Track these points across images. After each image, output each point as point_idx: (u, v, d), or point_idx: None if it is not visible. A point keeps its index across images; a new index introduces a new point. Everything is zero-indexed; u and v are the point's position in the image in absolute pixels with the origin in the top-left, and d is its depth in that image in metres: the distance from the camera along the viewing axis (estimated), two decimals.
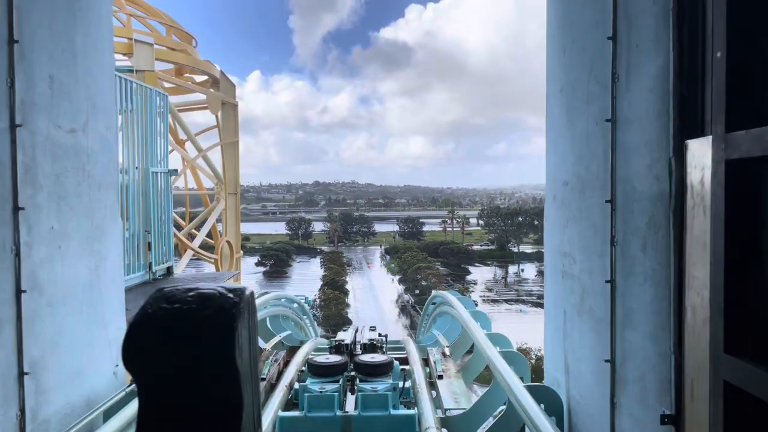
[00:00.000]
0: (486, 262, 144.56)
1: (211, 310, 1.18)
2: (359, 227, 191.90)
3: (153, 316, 1.18)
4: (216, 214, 12.74)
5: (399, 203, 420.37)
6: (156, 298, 1.22)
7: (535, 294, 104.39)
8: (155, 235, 8.85)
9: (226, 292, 1.22)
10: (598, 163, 4.09)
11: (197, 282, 1.34)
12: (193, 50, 14.59)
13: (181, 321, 1.17)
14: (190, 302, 1.20)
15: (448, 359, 8.51)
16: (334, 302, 75.68)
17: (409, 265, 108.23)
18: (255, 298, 1.31)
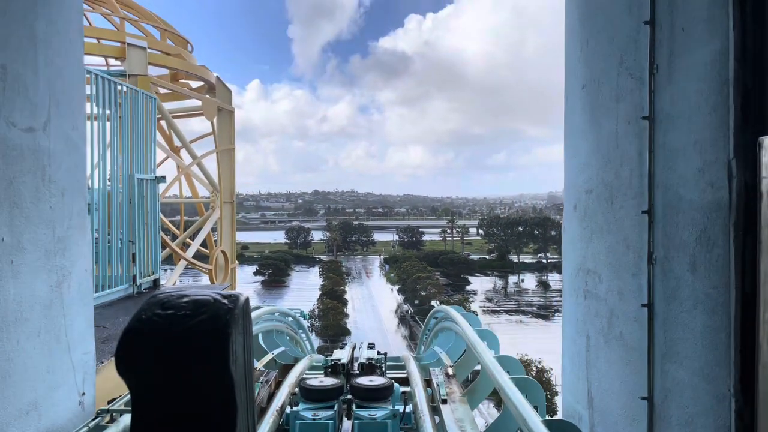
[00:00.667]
0: (486, 272, 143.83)
1: (206, 316, 1.18)
2: (358, 236, 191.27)
3: (147, 322, 1.18)
4: (210, 223, 12.22)
5: (398, 212, 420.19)
6: (150, 304, 1.22)
7: (536, 305, 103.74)
8: (140, 245, 8.30)
9: (220, 298, 1.22)
10: (632, 167, 3.55)
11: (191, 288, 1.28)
12: (188, 55, 14.11)
13: (175, 327, 1.16)
14: (185, 308, 1.20)
15: (451, 380, 7.93)
16: (333, 312, 74.97)
17: (409, 275, 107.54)
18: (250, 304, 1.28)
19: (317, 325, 72.11)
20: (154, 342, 1.17)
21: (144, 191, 8.54)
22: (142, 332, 1.18)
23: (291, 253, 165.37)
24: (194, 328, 1.17)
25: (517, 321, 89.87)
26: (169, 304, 1.22)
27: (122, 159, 8.39)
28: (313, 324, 72.20)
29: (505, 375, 5.45)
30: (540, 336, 77.52)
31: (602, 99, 3.98)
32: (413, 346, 75.12)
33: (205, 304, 1.22)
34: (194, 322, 1.18)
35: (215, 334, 1.16)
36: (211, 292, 1.25)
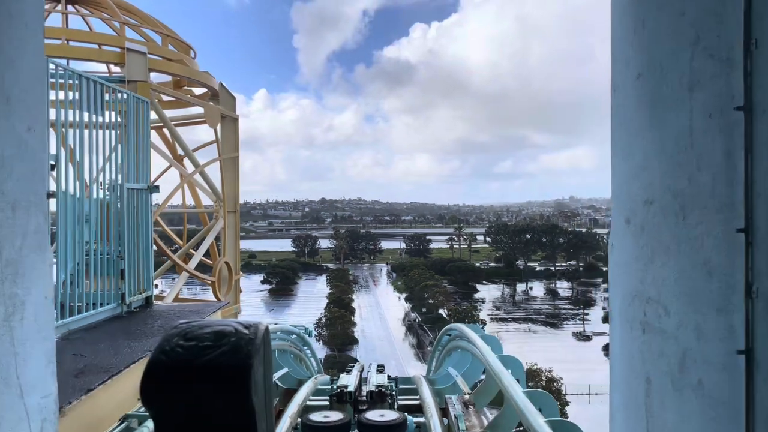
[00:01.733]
0: (493, 279, 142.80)
1: (227, 347, 1.21)
2: (365, 244, 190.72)
3: (170, 354, 1.21)
4: (214, 233, 11.62)
5: (405, 220, 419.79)
6: (172, 335, 1.26)
7: (544, 313, 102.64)
8: (130, 260, 7.56)
9: (241, 328, 1.26)
10: (714, 172, 2.79)
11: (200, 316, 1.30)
12: (191, 61, 13.49)
13: (197, 359, 1.20)
14: (206, 339, 1.23)
15: (470, 410, 7.17)
16: (340, 321, 74.18)
17: (416, 283, 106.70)
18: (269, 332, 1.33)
19: (324, 334, 71.33)
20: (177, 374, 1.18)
21: (135, 202, 7.83)
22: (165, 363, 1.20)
23: (298, 262, 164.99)
24: (216, 359, 1.19)
25: (525, 329, 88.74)
26: (191, 335, 1.24)
27: (111, 167, 7.70)
28: (320, 333, 71.45)
29: (539, 416, 4.69)
30: (549, 344, 76.52)
31: (667, 89, 3.23)
32: (421, 355, 74.28)
33: (226, 335, 1.23)
34: (216, 354, 1.20)
35: (237, 365, 1.18)
36: (232, 322, 1.26)
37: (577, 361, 66.18)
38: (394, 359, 70.33)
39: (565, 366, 58.67)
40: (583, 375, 58.90)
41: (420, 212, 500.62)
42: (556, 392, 41.69)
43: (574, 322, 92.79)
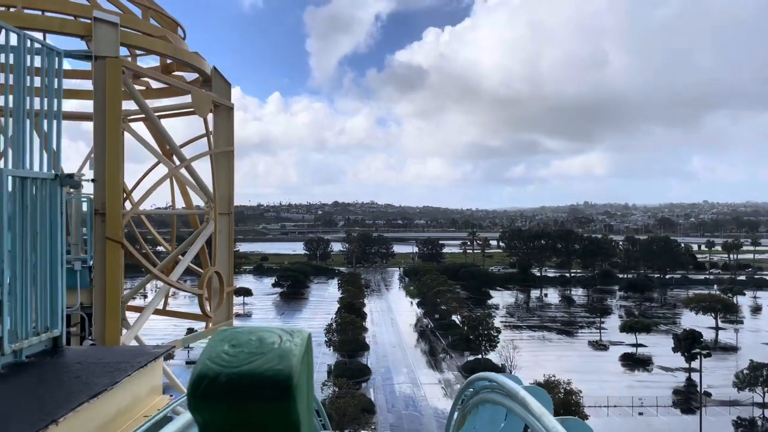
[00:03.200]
0: (507, 285, 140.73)
1: (273, 354, 1.26)
2: (378, 248, 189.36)
3: (216, 360, 1.26)
4: (203, 239, 10.13)
5: (418, 224, 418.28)
6: (217, 341, 1.30)
7: (559, 320, 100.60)
8: (17, 285, 4.37)
9: (286, 335, 1.32)
10: None
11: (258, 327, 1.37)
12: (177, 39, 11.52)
13: (243, 365, 1.23)
14: (252, 345, 1.29)
15: None
16: (351, 327, 72.84)
17: (429, 289, 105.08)
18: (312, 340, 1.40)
19: (335, 339, 70.04)
20: (224, 381, 1.19)
21: (32, 197, 4.41)
22: (212, 371, 1.20)
23: (310, 265, 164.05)
24: (262, 367, 1.19)
25: (539, 337, 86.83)
26: (236, 342, 1.26)
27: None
28: (330, 338, 70.18)
29: None
30: (565, 353, 74.65)
31: None
32: (433, 362, 72.74)
33: (271, 342, 1.26)
34: (262, 360, 1.21)
35: (283, 373, 1.18)
36: (276, 329, 1.30)
37: (594, 371, 64.33)
38: (406, 366, 68.93)
39: (582, 377, 56.89)
40: (600, 386, 57.11)
41: (433, 216, 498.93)
42: (575, 405, 40.08)
43: (590, 330, 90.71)
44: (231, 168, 11.04)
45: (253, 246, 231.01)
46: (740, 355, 74.40)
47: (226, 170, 10.80)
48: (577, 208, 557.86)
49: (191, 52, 11.12)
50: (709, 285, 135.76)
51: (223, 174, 10.89)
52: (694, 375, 63.25)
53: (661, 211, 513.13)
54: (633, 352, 74.43)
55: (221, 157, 10.67)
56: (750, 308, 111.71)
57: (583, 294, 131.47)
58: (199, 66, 11.23)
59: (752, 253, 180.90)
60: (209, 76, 11.31)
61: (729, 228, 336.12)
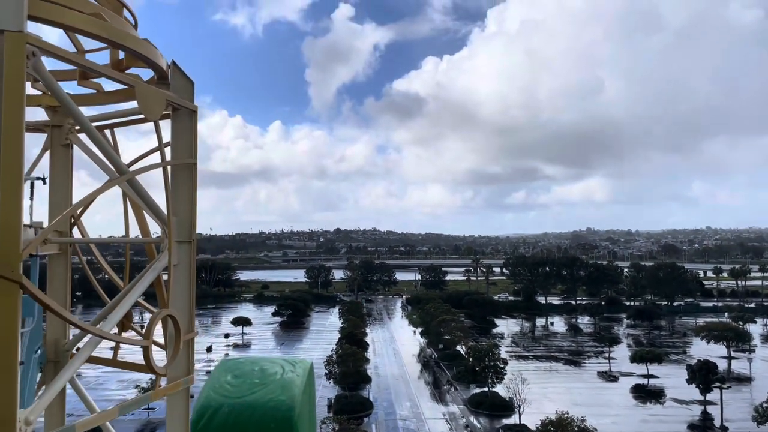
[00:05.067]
0: (512, 314, 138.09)
1: (275, 385, 1.28)
2: (380, 275, 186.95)
3: (219, 390, 1.28)
4: (153, 274, 7.17)
5: (420, 251, 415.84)
6: (221, 371, 1.33)
7: (566, 350, 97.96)
8: None
9: (288, 366, 1.34)
10: None
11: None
12: (120, 21, 7.87)
13: (246, 395, 1.26)
14: (254, 376, 1.31)
15: None
16: (353, 358, 70.46)
17: (432, 317, 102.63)
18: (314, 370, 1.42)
19: (335, 372, 67.66)
20: (227, 411, 1.33)
21: None
22: (215, 402, 1.34)
23: (311, 293, 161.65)
24: (265, 397, 1.32)
25: (547, 368, 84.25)
26: (239, 372, 1.40)
27: None
28: (331, 371, 67.82)
29: None
30: (573, 385, 72.13)
31: None
32: (437, 394, 70.20)
33: (273, 372, 1.38)
34: (265, 391, 1.33)
35: (285, 404, 1.30)
36: (279, 359, 1.41)
37: (605, 405, 61.82)
38: (409, 400, 66.43)
39: (593, 410, 54.57)
40: (614, 421, 54.70)
41: (435, 243, 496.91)
42: None
43: (598, 360, 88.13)
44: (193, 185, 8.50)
45: (255, 274, 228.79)
46: (755, 386, 71.84)
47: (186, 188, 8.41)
48: (580, 234, 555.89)
49: (137, 38, 8.95)
50: (718, 312, 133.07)
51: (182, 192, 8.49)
52: (710, 408, 60.76)
53: (664, 237, 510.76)
54: (645, 384, 71.90)
55: (180, 171, 8.28)
56: (761, 336, 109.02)
57: (590, 322, 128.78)
58: (150, 56, 9.08)
59: (760, 279, 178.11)
60: (165, 72, 9.19)
61: (733, 254, 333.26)
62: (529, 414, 54.04)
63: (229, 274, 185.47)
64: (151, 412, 59.41)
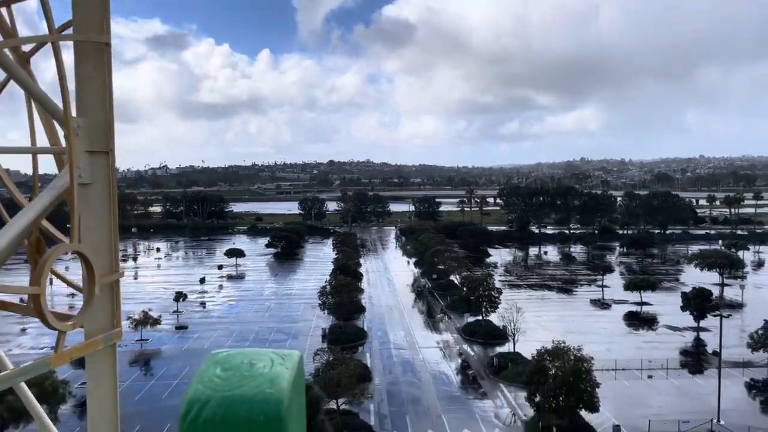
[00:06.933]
0: (506, 243, 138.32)
1: (263, 378, 1.29)
2: (374, 207, 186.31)
3: (208, 384, 1.30)
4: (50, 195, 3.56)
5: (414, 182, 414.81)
6: (210, 364, 1.35)
7: (559, 279, 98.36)
8: None
9: (277, 358, 1.36)
10: None
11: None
12: None
13: (234, 389, 1.27)
14: (243, 369, 1.32)
15: None
16: (347, 289, 70.17)
17: (426, 248, 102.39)
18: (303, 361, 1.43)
19: (330, 302, 67.43)
20: (215, 405, 1.19)
21: None
22: (203, 395, 1.21)
23: (305, 225, 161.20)
24: (254, 390, 1.21)
25: (540, 297, 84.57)
26: (228, 365, 1.28)
27: None
28: (325, 301, 67.60)
29: None
30: (566, 313, 72.39)
31: None
32: (431, 323, 70.34)
33: (263, 365, 1.27)
34: (254, 384, 1.23)
35: (274, 396, 1.20)
36: (268, 352, 1.34)
37: (598, 332, 62.05)
38: (404, 329, 66.54)
39: (586, 338, 54.62)
40: (607, 348, 54.86)
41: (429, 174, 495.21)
42: (586, 373, 37.51)
43: (591, 288, 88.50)
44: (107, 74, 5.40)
45: (248, 206, 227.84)
46: (747, 312, 72.36)
47: (97, 78, 5.52)
48: (574, 164, 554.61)
49: None
50: (710, 240, 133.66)
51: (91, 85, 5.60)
52: (703, 334, 61.12)
53: (657, 166, 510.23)
54: (638, 311, 72.25)
55: (86, 54, 5.38)
56: (752, 263, 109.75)
57: (583, 251, 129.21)
58: None
59: (753, 207, 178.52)
60: None
61: (726, 182, 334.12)
62: (523, 342, 54.09)
63: (222, 207, 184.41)
64: (145, 344, 59.32)
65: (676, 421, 39.58)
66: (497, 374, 50.65)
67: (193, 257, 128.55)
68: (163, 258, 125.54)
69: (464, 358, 56.41)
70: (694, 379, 50.58)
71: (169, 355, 57.00)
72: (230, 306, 79.04)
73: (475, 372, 52.44)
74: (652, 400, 44.82)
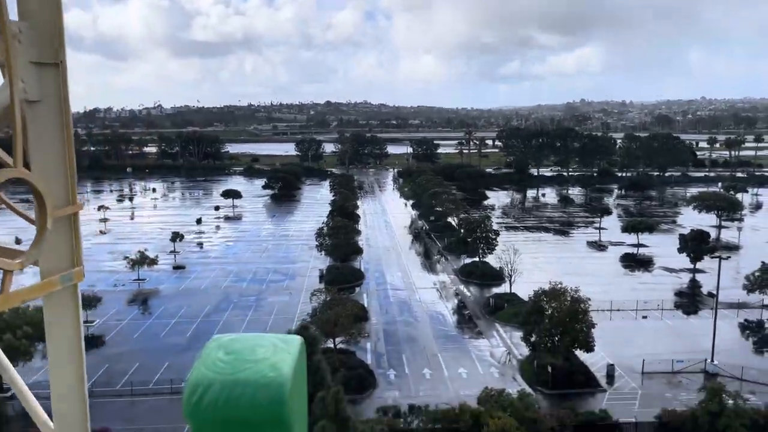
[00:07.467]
0: (504, 186, 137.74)
1: (267, 362, 1.32)
2: (371, 149, 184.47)
3: (211, 367, 1.32)
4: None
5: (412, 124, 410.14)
6: (212, 348, 1.38)
7: (557, 221, 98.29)
8: None
9: (279, 343, 1.39)
10: None
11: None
12: None
13: (237, 372, 1.30)
14: (246, 353, 1.35)
15: None
16: (344, 231, 69.95)
17: (424, 190, 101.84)
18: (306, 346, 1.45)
19: (327, 243, 67.31)
20: (218, 388, 1.23)
21: None
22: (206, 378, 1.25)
23: (302, 166, 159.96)
24: (256, 374, 1.25)
25: (536, 239, 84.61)
26: (231, 349, 1.31)
27: None
28: (322, 243, 67.49)
29: None
30: (562, 255, 72.55)
31: None
32: (428, 264, 70.55)
33: (265, 349, 1.31)
34: (256, 368, 1.26)
35: (276, 381, 1.24)
36: (271, 336, 1.37)
37: (594, 274, 62.26)
38: (401, 270, 66.73)
39: (582, 279, 54.64)
40: (603, 289, 55.04)
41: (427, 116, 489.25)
42: (582, 313, 37.62)
43: (588, 230, 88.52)
44: None
45: (245, 147, 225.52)
46: (743, 254, 72.56)
47: None
48: (574, 106, 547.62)
49: None
50: (709, 183, 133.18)
51: None
52: (698, 276, 61.39)
53: (658, 108, 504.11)
54: (634, 253, 72.40)
55: None
56: (750, 206, 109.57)
57: (581, 193, 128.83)
58: None
59: (754, 150, 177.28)
60: None
61: (727, 124, 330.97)
62: (520, 283, 54.24)
63: (218, 147, 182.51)
64: (142, 283, 59.44)
65: (669, 360, 40.04)
66: (493, 314, 51.01)
67: (190, 198, 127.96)
68: (159, 198, 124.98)
69: (460, 298, 56.74)
70: (688, 320, 51.03)
71: (167, 295, 57.20)
72: (227, 247, 79.01)
73: (471, 312, 52.80)
74: (646, 340, 45.25)
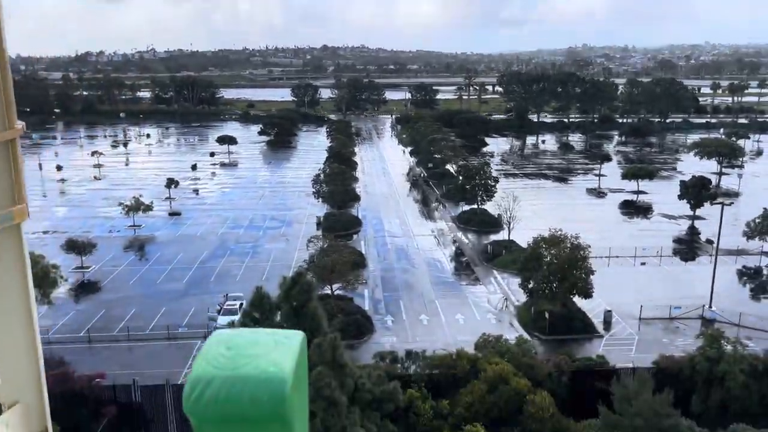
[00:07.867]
0: (504, 132, 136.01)
1: (269, 357, 1.31)
2: (369, 94, 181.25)
3: (212, 362, 1.31)
4: None
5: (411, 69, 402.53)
6: (213, 343, 1.37)
7: (556, 168, 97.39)
8: None
9: (281, 338, 1.39)
10: None
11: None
12: None
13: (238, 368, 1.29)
14: (248, 347, 1.34)
15: None
16: (341, 177, 69.16)
17: (422, 136, 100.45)
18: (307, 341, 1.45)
19: (324, 190, 66.61)
20: (219, 384, 1.23)
21: None
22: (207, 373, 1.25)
23: (298, 112, 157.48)
24: (258, 369, 1.24)
25: (535, 186, 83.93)
26: (232, 344, 1.30)
27: None
28: (319, 189, 66.78)
29: None
30: (561, 202, 72.05)
31: None
32: (426, 212, 70.10)
33: (267, 344, 1.30)
34: (258, 363, 1.25)
35: (278, 376, 1.23)
36: (272, 331, 1.36)
37: (593, 220, 61.78)
38: (398, 217, 66.27)
39: (581, 226, 54.14)
40: (602, 236, 54.66)
41: (426, 61, 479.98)
42: (581, 260, 37.28)
43: (587, 177, 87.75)
44: None
45: (240, 92, 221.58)
46: (743, 201, 72.04)
47: None
48: (575, 51, 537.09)
49: None
50: (711, 129, 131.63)
51: None
52: (697, 222, 61.04)
53: (661, 53, 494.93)
54: (633, 200, 71.88)
55: None
56: (752, 152, 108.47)
57: (581, 140, 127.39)
58: None
59: (757, 95, 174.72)
60: None
61: (730, 70, 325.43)
62: (518, 230, 53.78)
63: (213, 92, 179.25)
64: (138, 229, 58.98)
65: (667, 306, 39.99)
66: (491, 261, 50.80)
67: (185, 144, 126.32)
68: (154, 144, 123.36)
69: (458, 245, 56.47)
70: (686, 267, 50.92)
71: (163, 241, 56.83)
72: (223, 193, 78.29)
73: (469, 259, 52.59)
74: (644, 286, 45.16)
